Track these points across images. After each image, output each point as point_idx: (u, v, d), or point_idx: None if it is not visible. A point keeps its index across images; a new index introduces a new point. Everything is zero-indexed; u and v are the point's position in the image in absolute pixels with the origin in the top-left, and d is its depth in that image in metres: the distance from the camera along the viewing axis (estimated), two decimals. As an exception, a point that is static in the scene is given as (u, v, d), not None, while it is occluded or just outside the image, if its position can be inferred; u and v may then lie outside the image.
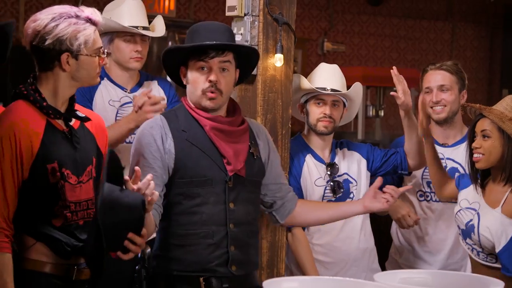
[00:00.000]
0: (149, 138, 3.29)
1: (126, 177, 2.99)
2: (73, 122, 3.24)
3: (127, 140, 4.12)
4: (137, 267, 3.43)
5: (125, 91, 4.25)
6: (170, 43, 9.59)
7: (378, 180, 3.61)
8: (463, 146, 4.38)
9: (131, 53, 4.17)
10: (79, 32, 3.10)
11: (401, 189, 3.67)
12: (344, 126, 9.83)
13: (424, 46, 12.19)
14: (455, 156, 4.43)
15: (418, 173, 4.44)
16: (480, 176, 3.89)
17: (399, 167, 4.18)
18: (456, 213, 3.92)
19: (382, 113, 9.17)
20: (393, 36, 11.91)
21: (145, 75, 4.42)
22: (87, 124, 3.30)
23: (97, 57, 3.18)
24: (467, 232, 3.83)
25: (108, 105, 4.18)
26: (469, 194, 3.93)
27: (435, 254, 4.45)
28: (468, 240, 3.83)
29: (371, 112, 9.08)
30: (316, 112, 4.10)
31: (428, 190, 4.45)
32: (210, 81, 3.26)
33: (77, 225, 3.16)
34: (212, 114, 3.32)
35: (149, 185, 2.94)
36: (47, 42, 3.08)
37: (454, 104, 4.39)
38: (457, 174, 4.20)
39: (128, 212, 2.92)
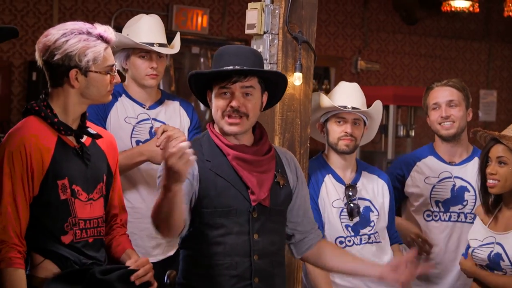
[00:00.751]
0: None
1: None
2: (85, 139, 3.22)
3: None
4: None
5: (143, 107, 4.20)
6: (202, 60, 9.62)
7: (412, 252, 3.45)
8: (471, 165, 4.38)
9: (146, 70, 4.13)
10: (88, 49, 3.08)
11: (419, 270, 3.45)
12: (374, 146, 9.79)
13: (460, 66, 12.08)
14: (464, 174, 4.39)
15: (426, 191, 4.39)
16: (493, 201, 3.88)
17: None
18: (472, 253, 3.89)
19: (413, 133, 9.07)
20: (428, 55, 11.82)
21: (166, 95, 4.37)
22: (99, 142, 3.28)
23: (108, 75, 3.15)
24: (492, 264, 3.81)
25: (124, 123, 4.14)
26: (477, 233, 3.93)
27: (443, 276, 4.38)
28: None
29: (402, 132, 8.98)
30: (336, 130, 4.04)
31: (437, 209, 4.38)
32: (231, 107, 3.18)
33: (86, 242, 3.14)
34: (236, 142, 3.24)
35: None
36: (56, 58, 3.07)
37: (462, 120, 4.36)
38: None
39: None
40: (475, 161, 4.38)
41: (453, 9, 9.50)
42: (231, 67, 3.16)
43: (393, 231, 4.19)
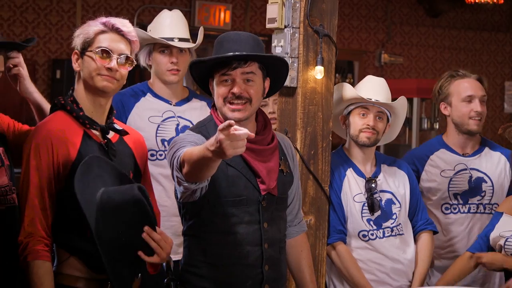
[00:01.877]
0: (200, 138, 3.16)
1: None
2: (112, 136, 3.22)
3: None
4: (165, 280, 3.40)
5: (170, 104, 4.18)
6: (225, 56, 9.60)
7: None
8: (483, 155, 4.38)
9: (167, 65, 4.11)
10: (81, 29, 3.16)
11: None
12: (398, 139, 9.73)
13: (485, 58, 12.00)
14: (479, 165, 4.38)
15: (443, 185, 4.36)
16: None
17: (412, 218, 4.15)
18: (505, 244, 3.89)
19: (437, 126, 9.03)
20: (452, 48, 11.76)
21: (193, 93, 4.34)
22: (126, 139, 3.28)
23: (97, 55, 3.14)
24: None
25: (148, 122, 4.11)
26: (506, 225, 3.94)
27: None
28: None
29: (426, 124, 8.95)
30: (359, 123, 4.02)
31: (455, 202, 4.35)
32: (233, 94, 3.16)
33: None
34: None
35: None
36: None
37: (485, 116, 4.36)
38: None
39: (129, 209, 2.92)
40: (487, 151, 4.37)
41: (476, 0, 9.43)
42: (231, 53, 3.14)
43: (423, 217, 4.14)
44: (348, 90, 4.02)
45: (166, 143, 4.11)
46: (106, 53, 3.13)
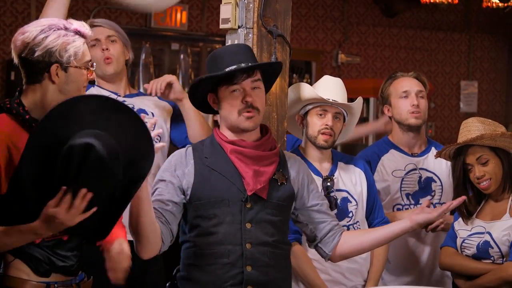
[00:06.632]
0: (168, 164, 3.35)
1: None
2: None
3: None
4: (167, 284, 3.46)
5: (119, 96, 4.13)
6: (182, 56, 9.57)
7: (426, 202, 3.43)
8: (431, 155, 4.41)
9: (99, 54, 4.11)
10: (69, 44, 3.06)
11: (449, 205, 3.42)
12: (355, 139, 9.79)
13: (441, 57, 12.09)
14: (427, 165, 4.42)
15: (395, 185, 4.38)
16: (475, 196, 3.98)
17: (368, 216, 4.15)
18: (461, 245, 3.93)
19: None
20: (408, 47, 11.83)
21: (142, 94, 4.32)
22: None
23: (85, 69, 3.14)
24: (482, 252, 3.86)
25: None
26: (464, 224, 3.98)
27: (418, 267, 4.39)
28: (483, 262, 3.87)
29: (382, 124, 9.00)
30: (317, 123, 4.01)
31: (407, 202, 4.38)
32: (246, 102, 3.27)
33: (60, 240, 3.09)
34: (235, 138, 3.34)
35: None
36: (36, 54, 3.01)
37: (426, 112, 4.39)
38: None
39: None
40: (434, 151, 4.40)
41: (432, 0, 9.50)
42: (243, 64, 3.26)
43: (379, 216, 4.14)
44: (307, 90, 4.01)
45: None
46: (92, 66, 3.18)
